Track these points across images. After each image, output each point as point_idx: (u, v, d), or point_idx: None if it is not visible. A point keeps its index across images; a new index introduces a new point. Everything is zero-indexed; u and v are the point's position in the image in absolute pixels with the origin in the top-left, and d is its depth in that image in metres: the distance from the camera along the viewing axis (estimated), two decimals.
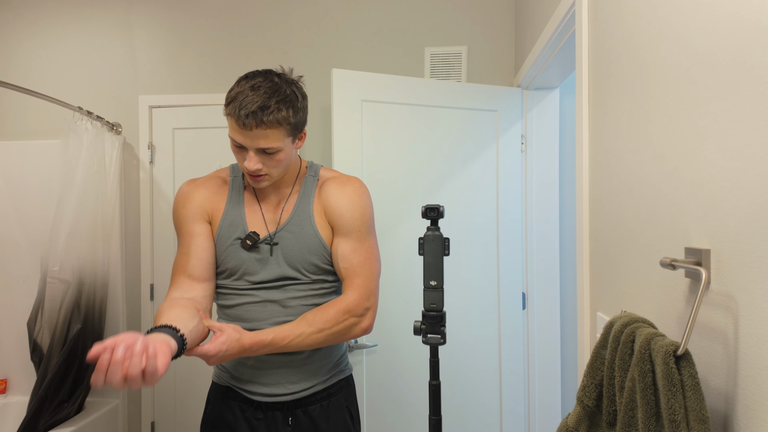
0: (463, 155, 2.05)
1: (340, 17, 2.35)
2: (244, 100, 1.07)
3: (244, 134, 1.08)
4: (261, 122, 1.07)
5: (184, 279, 1.16)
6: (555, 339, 2.16)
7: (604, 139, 1.15)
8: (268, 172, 1.15)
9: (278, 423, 1.20)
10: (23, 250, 2.40)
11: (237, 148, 1.13)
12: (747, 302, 0.62)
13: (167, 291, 1.16)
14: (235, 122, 1.08)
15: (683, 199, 0.78)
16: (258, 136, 1.08)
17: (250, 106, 1.07)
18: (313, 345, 1.13)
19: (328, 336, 1.14)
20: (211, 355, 1.00)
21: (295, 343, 1.10)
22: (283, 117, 1.10)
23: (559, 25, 1.51)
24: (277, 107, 1.09)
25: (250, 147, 1.10)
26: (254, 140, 1.09)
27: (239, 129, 1.08)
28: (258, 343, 1.07)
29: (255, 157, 1.11)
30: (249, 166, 1.11)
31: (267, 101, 1.07)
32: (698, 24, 0.74)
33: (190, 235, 1.19)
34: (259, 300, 1.18)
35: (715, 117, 0.69)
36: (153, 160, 2.38)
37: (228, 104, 1.10)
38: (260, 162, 1.11)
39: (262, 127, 1.08)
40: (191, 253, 1.17)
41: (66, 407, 2.06)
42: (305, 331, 1.11)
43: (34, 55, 2.45)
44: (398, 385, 1.97)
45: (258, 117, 1.07)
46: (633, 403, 0.71)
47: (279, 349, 1.10)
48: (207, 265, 1.18)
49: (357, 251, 1.20)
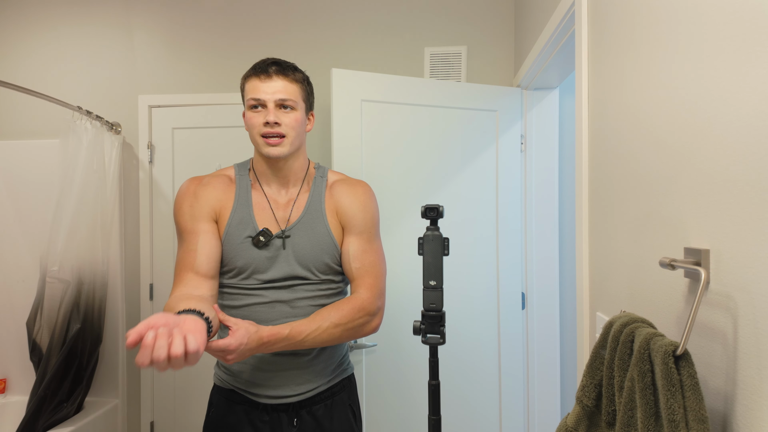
0: (463, 155, 2.05)
1: (340, 17, 2.35)
2: (266, 60, 1.20)
3: (266, 85, 1.16)
4: (282, 72, 1.18)
5: (192, 276, 1.12)
6: (554, 339, 2.16)
7: (604, 139, 1.15)
8: (286, 133, 1.18)
9: (283, 424, 1.19)
10: (22, 249, 2.40)
11: (254, 113, 1.18)
12: (746, 302, 0.62)
13: (172, 289, 1.12)
14: (257, 77, 1.17)
15: (683, 199, 0.78)
16: (278, 87, 1.16)
17: (271, 60, 1.20)
18: (328, 341, 1.12)
19: (344, 332, 1.13)
20: (232, 348, 0.95)
21: (311, 337, 1.09)
22: (301, 77, 1.22)
23: (558, 25, 1.51)
24: (294, 67, 1.21)
25: (269, 99, 1.16)
26: (274, 91, 1.16)
27: (260, 81, 1.17)
28: (275, 336, 1.04)
29: (274, 110, 1.17)
30: (269, 118, 1.15)
31: (285, 62, 1.21)
32: (699, 25, 0.74)
33: (196, 233, 1.16)
34: (268, 300, 1.18)
35: (714, 118, 0.69)
36: (152, 159, 2.38)
37: (247, 72, 1.20)
38: (278, 117, 1.16)
39: (283, 78, 1.17)
40: (198, 251, 1.14)
41: (65, 407, 2.06)
42: (322, 326, 1.10)
43: (34, 55, 2.45)
44: (398, 385, 1.97)
45: (281, 66, 1.18)
46: (632, 402, 0.71)
47: (295, 344, 1.08)
48: (214, 264, 1.16)
49: (368, 252, 1.22)
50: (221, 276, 1.21)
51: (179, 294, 1.08)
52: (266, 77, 1.16)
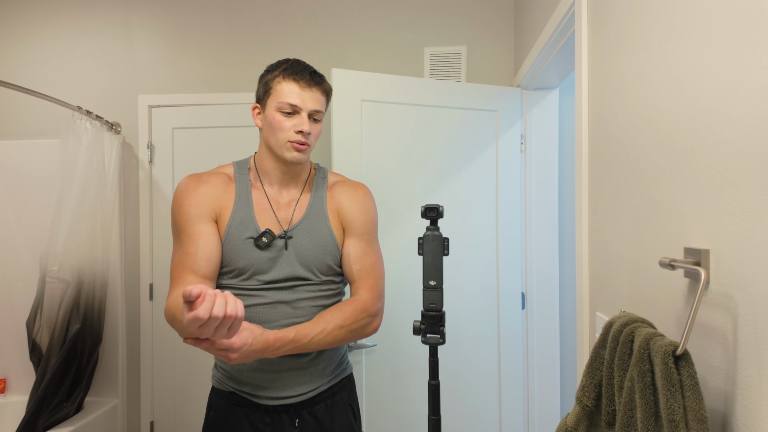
0: (463, 155, 2.05)
1: (340, 17, 2.35)
2: (301, 64, 1.17)
3: (306, 93, 1.15)
4: (320, 84, 1.18)
5: (193, 277, 1.11)
6: (554, 339, 2.16)
7: (604, 139, 1.15)
8: (311, 143, 1.19)
9: (285, 426, 1.19)
10: (22, 249, 2.40)
11: (284, 116, 1.16)
12: (746, 302, 0.62)
13: (170, 290, 1.11)
14: (296, 81, 1.15)
15: (683, 199, 0.78)
16: (316, 98, 1.17)
17: (307, 65, 1.17)
18: (332, 343, 1.12)
19: (347, 333, 1.13)
20: (236, 347, 0.94)
21: (316, 340, 1.08)
22: (329, 88, 1.22)
23: (558, 24, 1.51)
24: (323, 78, 1.20)
25: (305, 108, 1.16)
26: (312, 101, 1.16)
27: (300, 89, 1.15)
28: (280, 340, 1.03)
29: (308, 120, 1.17)
30: (305, 128, 1.15)
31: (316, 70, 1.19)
32: (699, 24, 0.74)
33: (196, 235, 1.14)
34: (270, 301, 1.17)
35: (714, 118, 0.69)
36: (152, 159, 2.38)
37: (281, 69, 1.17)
38: (310, 128, 1.17)
39: (318, 89, 1.17)
40: (199, 254, 1.12)
41: (65, 407, 2.06)
42: (326, 328, 1.10)
43: (34, 54, 2.45)
44: (397, 385, 1.97)
45: (318, 78, 1.18)
46: (632, 402, 0.71)
47: (300, 347, 1.07)
48: (214, 267, 1.15)
49: (368, 254, 1.23)
50: (221, 276, 1.20)
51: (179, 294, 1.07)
52: (306, 86, 1.16)
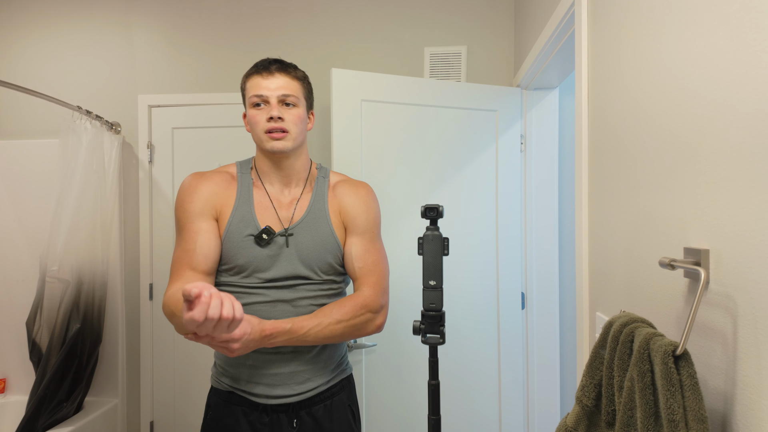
0: (463, 155, 2.05)
1: (340, 17, 2.35)
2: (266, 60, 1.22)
3: (269, 81, 1.18)
4: (283, 69, 1.20)
5: (190, 273, 1.13)
6: (554, 339, 2.16)
7: (604, 139, 1.15)
8: (289, 129, 1.19)
9: (283, 426, 1.19)
10: (22, 249, 2.40)
11: (256, 110, 1.19)
12: (746, 302, 0.62)
13: (168, 284, 1.12)
14: (258, 74, 1.19)
15: (682, 199, 0.78)
16: (281, 83, 1.19)
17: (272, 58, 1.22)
18: (330, 337, 1.12)
19: (346, 328, 1.13)
20: (236, 338, 0.95)
21: (313, 332, 1.09)
22: (302, 75, 1.24)
23: (558, 24, 1.51)
24: (295, 66, 1.24)
25: (272, 95, 1.18)
26: (277, 87, 1.18)
27: (262, 78, 1.19)
28: (277, 330, 1.04)
29: (277, 105, 1.19)
30: (273, 112, 1.17)
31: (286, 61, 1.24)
32: (699, 23, 0.74)
33: (195, 232, 1.16)
34: (270, 300, 1.17)
35: (714, 118, 0.69)
36: (152, 159, 2.38)
37: (248, 71, 1.22)
38: (281, 112, 1.18)
39: (284, 75, 1.20)
40: (197, 250, 1.14)
41: (65, 407, 2.06)
42: (323, 322, 1.10)
43: (33, 54, 2.45)
44: (397, 385, 1.97)
45: (282, 64, 1.21)
46: (632, 402, 0.71)
47: (297, 338, 1.08)
48: (212, 263, 1.16)
49: (370, 251, 1.23)
50: (222, 274, 1.20)
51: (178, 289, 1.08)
52: (268, 74, 1.19)
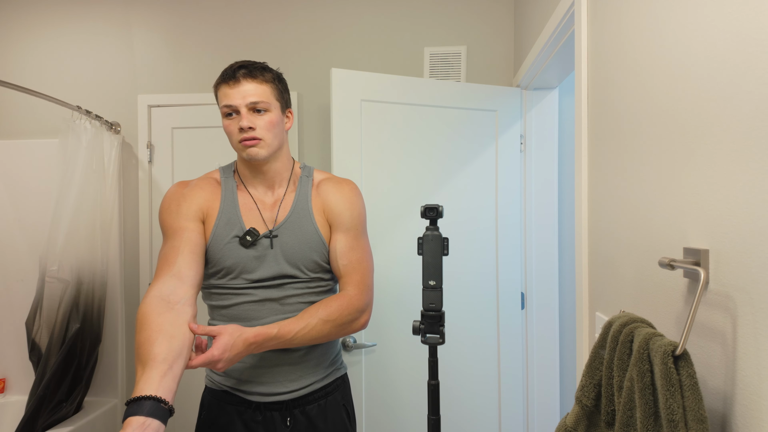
0: (463, 155, 2.05)
1: (340, 17, 2.35)
2: (233, 65, 1.17)
3: (235, 90, 1.14)
4: (250, 75, 1.15)
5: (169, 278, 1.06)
6: (554, 339, 2.16)
7: (603, 140, 1.15)
8: (262, 136, 1.17)
9: (276, 424, 1.19)
10: (22, 249, 2.40)
11: (229, 120, 1.17)
12: (745, 302, 0.62)
13: (153, 279, 1.09)
14: (226, 83, 1.16)
15: (682, 199, 0.78)
16: (248, 90, 1.15)
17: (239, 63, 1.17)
18: (317, 338, 1.12)
19: (332, 328, 1.13)
20: (216, 359, 0.95)
21: (300, 335, 1.09)
22: (271, 77, 1.19)
23: (558, 25, 1.51)
24: (263, 67, 1.19)
25: (240, 104, 1.15)
26: (245, 95, 1.15)
27: (229, 87, 1.15)
28: (262, 336, 1.03)
29: (247, 114, 1.15)
30: (243, 123, 1.14)
31: (254, 63, 1.19)
32: (699, 23, 0.74)
33: (182, 230, 1.14)
34: (257, 299, 1.18)
35: (714, 118, 0.69)
36: (152, 159, 2.38)
37: (217, 80, 1.19)
38: (252, 121, 1.15)
39: (251, 81, 1.15)
40: (181, 248, 1.11)
41: (64, 407, 2.06)
42: (310, 323, 1.10)
43: (33, 54, 2.45)
44: (397, 384, 1.97)
45: (248, 69, 1.16)
46: (631, 402, 0.71)
47: (285, 342, 1.07)
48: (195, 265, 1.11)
49: (355, 249, 1.23)
50: (210, 277, 1.20)
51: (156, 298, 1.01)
52: (235, 83, 1.15)
